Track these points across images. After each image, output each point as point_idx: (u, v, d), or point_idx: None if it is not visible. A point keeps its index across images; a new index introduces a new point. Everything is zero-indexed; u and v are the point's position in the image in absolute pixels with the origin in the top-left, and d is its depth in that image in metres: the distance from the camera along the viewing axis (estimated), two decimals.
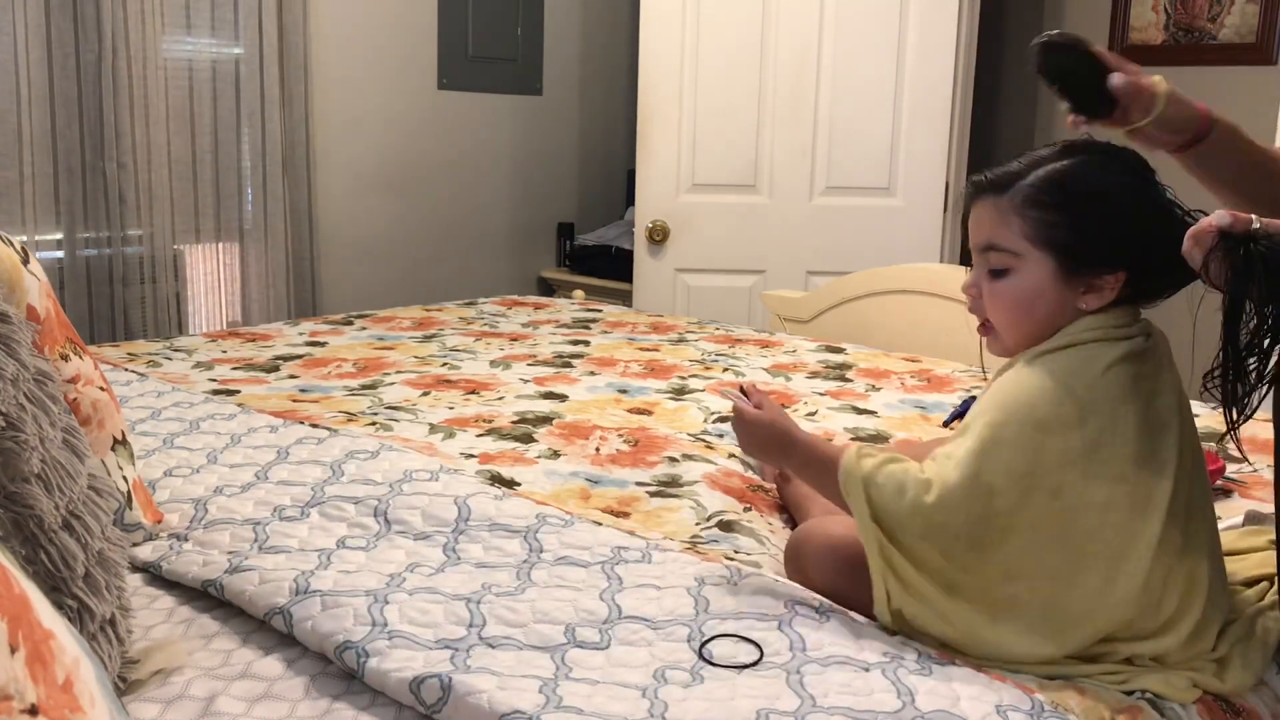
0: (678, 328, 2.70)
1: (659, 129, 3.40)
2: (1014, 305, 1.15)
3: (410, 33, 3.62)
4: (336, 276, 3.54)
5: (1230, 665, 1.11)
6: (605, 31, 4.20)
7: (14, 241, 1.22)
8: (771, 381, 2.17)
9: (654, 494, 1.49)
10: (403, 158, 3.68)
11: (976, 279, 1.18)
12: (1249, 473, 1.68)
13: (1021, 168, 1.15)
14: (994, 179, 1.16)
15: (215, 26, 3.12)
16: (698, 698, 0.95)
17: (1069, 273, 1.11)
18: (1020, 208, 1.13)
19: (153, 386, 1.91)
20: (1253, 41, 3.34)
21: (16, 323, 0.98)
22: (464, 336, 2.51)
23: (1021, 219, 1.12)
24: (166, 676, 1.00)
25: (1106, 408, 1.08)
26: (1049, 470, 1.06)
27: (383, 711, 0.96)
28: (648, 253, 3.49)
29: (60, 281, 2.89)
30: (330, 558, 1.21)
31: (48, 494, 0.93)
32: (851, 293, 2.85)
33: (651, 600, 1.12)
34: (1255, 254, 0.93)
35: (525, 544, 1.24)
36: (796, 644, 1.04)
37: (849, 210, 3.40)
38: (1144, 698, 1.04)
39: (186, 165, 3.11)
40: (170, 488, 1.43)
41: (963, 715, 0.94)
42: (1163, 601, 1.08)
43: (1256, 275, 0.93)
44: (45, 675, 0.58)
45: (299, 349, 2.35)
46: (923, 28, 3.28)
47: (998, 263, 1.15)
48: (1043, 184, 1.12)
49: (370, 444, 1.54)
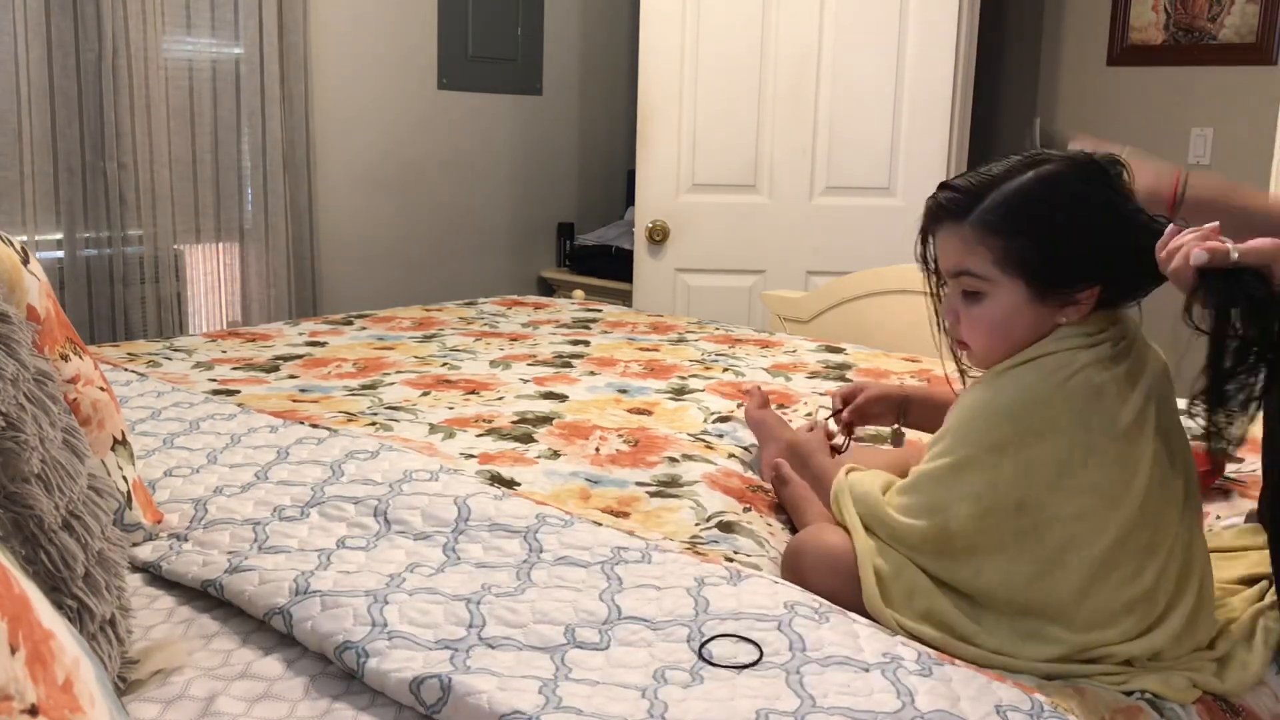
0: (678, 328, 2.70)
1: (659, 129, 3.40)
2: (990, 330, 1.15)
3: (410, 33, 3.63)
4: (336, 276, 3.54)
5: (1230, 665, 1.11)
6: (605, 31, 4.20)
7: (14, 241, 1.22)
8: (771, 381, 2.17)
9: (654, 494, 1.49)
10: (403, 157, 3.68)
11: (953, 304, 1.18)
12: (1249, 473, 1.68)
13: (977, 187, 1.13)
14: (950, 204, 1.14)
15: (215, 26, 3.12)
16: (697, 698, 0.95)
17: (1041, 294, 1.11)
18: (983, 236, 1.12)
19: (153, 386, 1.91)
20: (1253, 41, 3.34)
21: (16, 323, 0.98)
22: (464, 336, 2.51)
23: (987, 247, 1.12)
24: (166, 676, 1.00)
25: (1068, 420, 1.08)
26: (1007, 490, 1.08)
27: (382, 712, 0.97)
28: (648, 253, 3.49)
29: (60, 281, 2.89)
30: (330, 558, 1.21)
31: (48, 494, 0.93)
32: (851, 293, 2.85)
33: (651, 601, 1.12)
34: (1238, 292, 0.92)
35: (525, 544, 1.24)
36: (796, 644, 1.04)
37: (849, 210, 3.40)
38: (1143, 698, 1.05)
39: (186, 165, 3.11)
40: (170, 488, 1.43)
41: (962, 715, 0.94)
42: (1152, 598, 1.08)
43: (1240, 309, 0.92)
44: (45, 675, 0.58)
45: (299, 349, 2.35)
46: (923, 28, 3.28)
47: (970, 287, 1.15)
48: (1002, 208, 1.11)
49: (370, 444, 1.54)
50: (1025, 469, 1.08)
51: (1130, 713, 1.02)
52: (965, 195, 1.14)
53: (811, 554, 1.22)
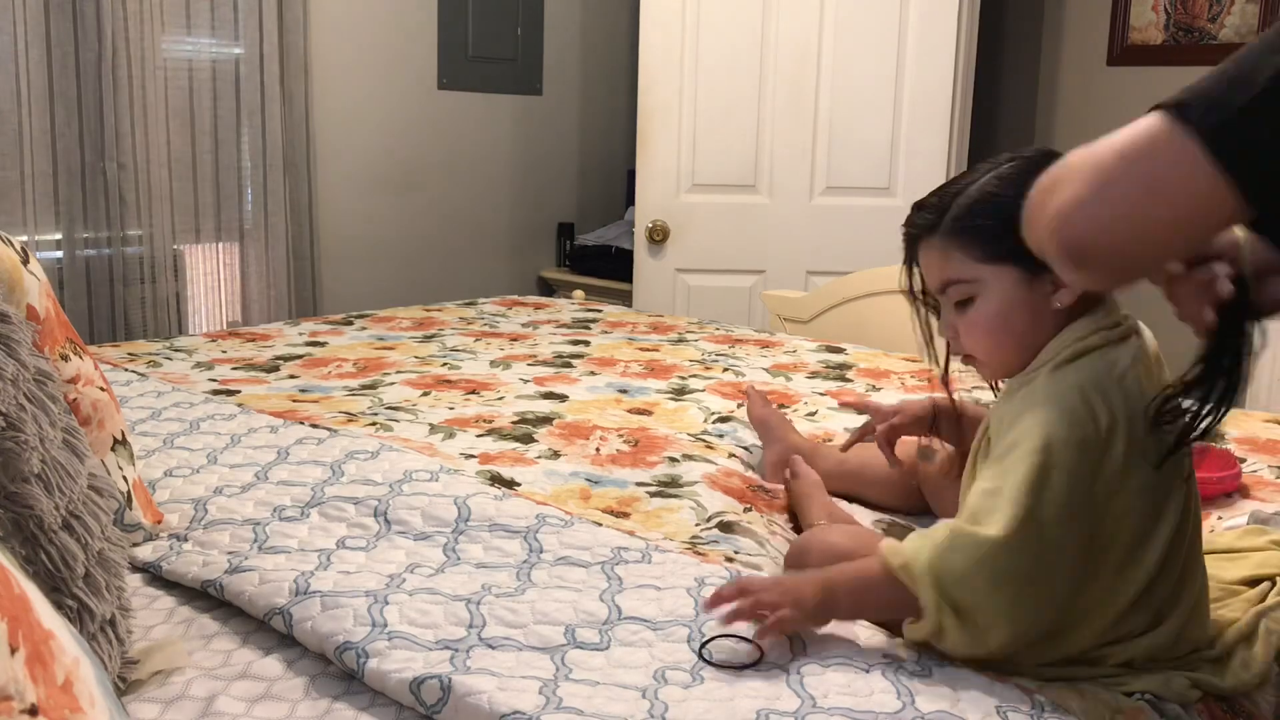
0: (678, 328, 2.70)
1: (659, 129, 3.40)
2: (990, 329, 1.13)
3: (410, 33, 3.62)
4: (336, 276, 3.54)
5: (1230, 665, 1.11)
6: (605, 31, 4.20)
7: (14, 241, 1.22)
8: (771, 381, 2.17)
9: (654, 494, 1.49)
10: (403, 157, 3.68)
11: (949, 319, 1.17)
12: (1249, 473, 1.68)
13: (942, 197, 1.14)
14: (922, 222, 1.15)
15: (215, 26, 3.12)
16: (698, 698, 0.95)
17: (1032, 274, 1.10)
18: (958, 238, 1.11)
19: (153, 386, 1.91)
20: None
21: (16, 323, 0.98)
22: (464, 336, 2.51)
23: (963, 247, 1.11)
24: (166, 676, 1.00)
25: (1126, 418, 1.05)
26: (1090, 489, 1.04)
27: (382, 712, 0.96)
28: (648, 253, 3.49)
29: (60, 281, 2.88)
30: (330, 558, 1.21)
31: (48, 494, 0.93)
32: (851, 293, 2.85)
33: (651, 601, 1.12)
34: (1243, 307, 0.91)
35: (525, 544, 1.24)
36: (797, 644, 1.04)
37: (849, 210, 3.40)
38: (1144, 699, 1.04)
39: (186, 165, 3.11)
40: (170, 488, 1.43)
41: (962, 716, 0.94)
42: (1154, 597, 1.08)
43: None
44: (45, 675, 0.58)
45: (299, 349, 2.35)
46: (923, 28, 3.28)
47: (960, 295, 1.14)
48: (971, 205, 1.11)
49: (370, 444, 1.54)
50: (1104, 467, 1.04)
51: (1131, 714, 1.02)
52: (933, 210, 1.14)
53: (816, 557, 1.22)
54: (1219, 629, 1.15)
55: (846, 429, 1.86)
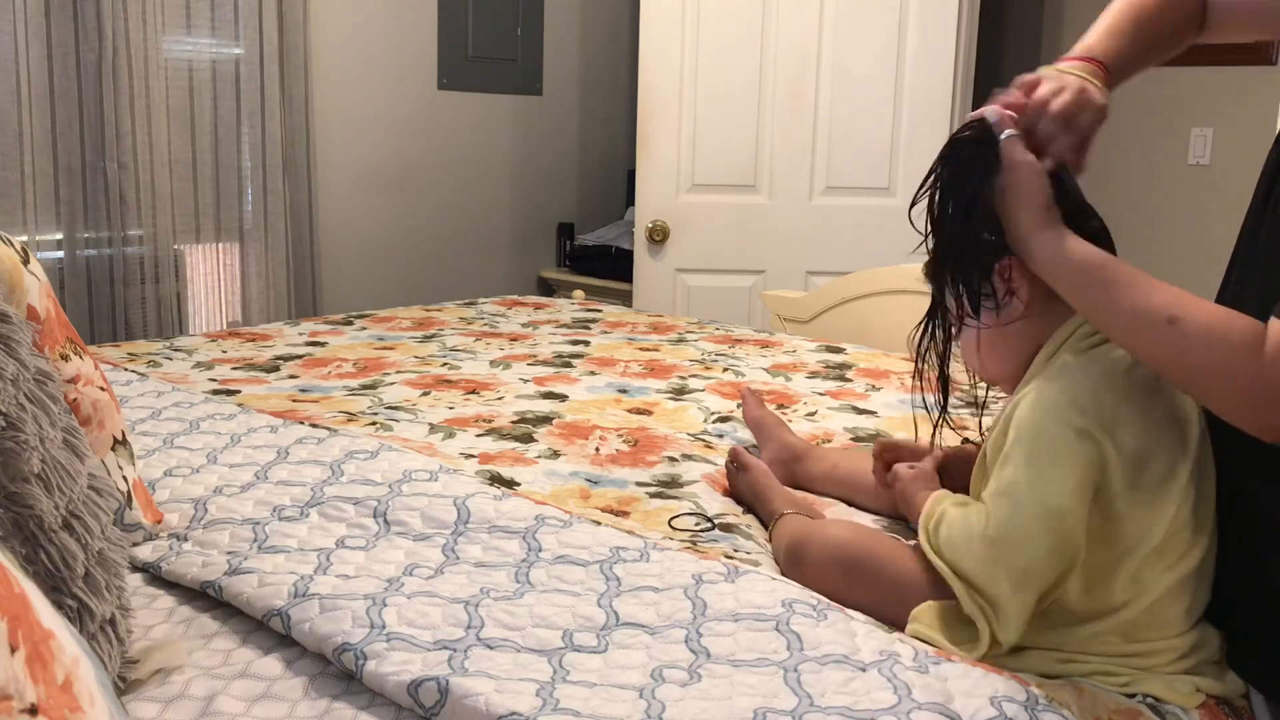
0: (678, 328, 2.71)
1: (659, 129, 3.40)
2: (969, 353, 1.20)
3: (410, 33, 3.63)
4: (336, 276, 3.55)
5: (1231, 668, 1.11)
6: (605, 31, 4.20)
7: (14, 241, 1.22)
8: (771, 381, 2.17)
9: (654, 494, 1.49)
10: (403, 158, 3.68)
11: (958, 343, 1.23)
12: None
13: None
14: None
15: (215, 26, 3.12)
16: (695, 697, 0.95)
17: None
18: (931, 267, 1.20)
19: (153, 386, 1.91)
20: (1252, 41, 3.34)
21: (16, 323, 0.98)
22: (464, 336, 2.52)
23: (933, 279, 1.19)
24: (166, 676, 1.00)
25: (1137, 413, 1.06)
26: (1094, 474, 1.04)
27: (382, 711, 0.97)
28: (648, 253, 3.50)
29: (60, 281, 2.89)
30: (329, 558, 1.22)
31: (48, 494, 0.93)
32: (851, 293, 2.85)
33: (649, 601, 1.12)
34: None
35: (524, 544, 1.24)
36: (794, 643, 1.04)
37: (849, 210, 3.40)
38: (1145, 701, 1.04)
39: (186, 165, 3.11)
40: (170, 488, 1.43)
41: (958, 706, 0.94)
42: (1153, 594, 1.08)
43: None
44: (45, 675, 0.59)
45: (299, 349, 2.35)
46: (923, 28, 3.28)
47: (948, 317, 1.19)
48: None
49: (370, 444, 1.54)
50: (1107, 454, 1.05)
51: (1130, 714, 1.02)
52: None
53: (815, 549, 1.22)
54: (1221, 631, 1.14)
55: (846, 429, 1.86)
